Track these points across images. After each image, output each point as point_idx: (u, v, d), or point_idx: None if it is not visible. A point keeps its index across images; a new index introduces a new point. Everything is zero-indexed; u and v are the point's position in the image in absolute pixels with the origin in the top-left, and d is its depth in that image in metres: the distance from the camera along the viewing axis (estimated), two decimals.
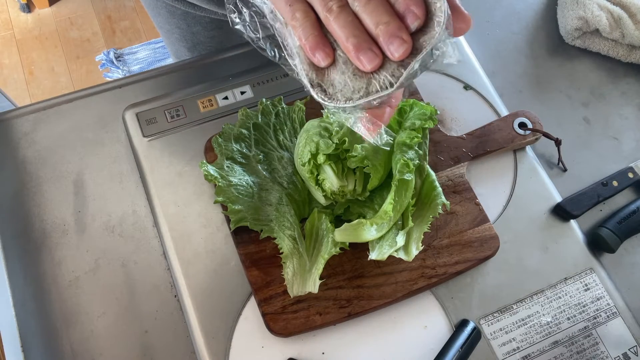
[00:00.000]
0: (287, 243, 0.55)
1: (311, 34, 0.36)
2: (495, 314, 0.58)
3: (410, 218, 0.55)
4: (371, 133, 0.38)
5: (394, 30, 0.34)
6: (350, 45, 0.35)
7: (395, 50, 0.34)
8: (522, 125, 0.66)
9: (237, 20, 0.40)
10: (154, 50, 1.96)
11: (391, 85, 0.35)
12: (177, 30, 0.83)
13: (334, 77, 0.37)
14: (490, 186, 0.64)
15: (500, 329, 0.57)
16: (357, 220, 0.52)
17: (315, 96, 0.38)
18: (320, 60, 0.37)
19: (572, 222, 0.63)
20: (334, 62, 0.37)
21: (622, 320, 0.59)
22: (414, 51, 0.35)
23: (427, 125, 0.59)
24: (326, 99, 0.37)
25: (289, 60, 0.39)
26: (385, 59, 0.35)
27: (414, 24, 0.34)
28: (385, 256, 0.53)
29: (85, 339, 0.55)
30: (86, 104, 0.67)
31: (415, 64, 0.35)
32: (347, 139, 0.53)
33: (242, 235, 0.57)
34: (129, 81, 0.68)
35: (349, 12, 0.35)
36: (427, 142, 0.62)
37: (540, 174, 0.66)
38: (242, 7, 0.40)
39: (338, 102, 0.37)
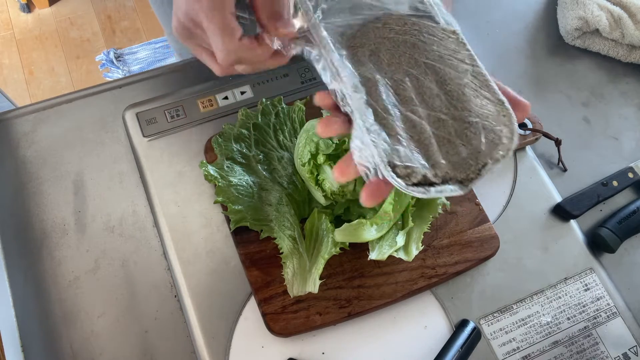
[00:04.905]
0: (287, 243, 0.55)
1: None
2: (495, 314, 0.58)
3: (410, 218, 0.55)
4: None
5: None
6: None
7: None
8: (522, 125, 0.66)
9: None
10: (154, 50, 1.96)
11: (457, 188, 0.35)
12: None
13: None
14: (490, 186, 0.64)
15: (500, 329, 0.57)
16: (357, 220, 0.52)
17: (386, 171, 0.35)
18: None
19: (572, 222, 0.63)
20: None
21: (622, 320, 0.59)
22: (484, 160, 0.35)
23: None
24: (400, 180, 0.35)
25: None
26: (463, 159, 0.35)
27: None
28: (385, 256, 0.53)
29: (85, 339, 0.55)
30: (86, 104, 0.67)
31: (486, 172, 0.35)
32: (347, 139, 0.53)
33: (242, 235, 0.57)
34: (129, 81, 0.68)
35: None
36: None
37: (540, 174, 0.66)
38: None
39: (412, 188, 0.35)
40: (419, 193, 0.35)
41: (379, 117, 0.36)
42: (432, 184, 0.35)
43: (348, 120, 0.37)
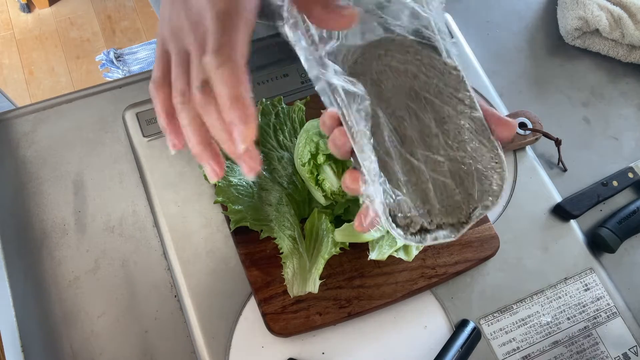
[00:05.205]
0: (287, 243, 0.55)
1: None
2: (495, 314, 0.58)
3: None
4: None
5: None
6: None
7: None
8: (522, 125, 0.66)
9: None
10: (154, 50, 1.96)
11: (451, 234, 0.37)
12: None
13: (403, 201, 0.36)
14: None
15: (500, 329, 0.57)
16: None
17: (386, 221, 0.36)
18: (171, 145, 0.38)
19: (572, 222, 0.63)
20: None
21: (622, 320, 0.59)
22: (474, 201, 0.36)
23: None
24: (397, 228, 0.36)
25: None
26: (456, 202, 0.36)
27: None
28: (385, 256, 0.53)
29: (85, 339, 0.55)
30: (86, 104, 0.67)
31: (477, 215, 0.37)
32: None
33: (242, 235, 0.57)
34: (129, 81, 0.68)
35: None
36: None
37: (540, 174, 0.66)
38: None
39: (407, 236, 0.36)
40: (416, 242, 0.36)
41: (381, 162, 0.36)
42: (427, 231, 0.36)
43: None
